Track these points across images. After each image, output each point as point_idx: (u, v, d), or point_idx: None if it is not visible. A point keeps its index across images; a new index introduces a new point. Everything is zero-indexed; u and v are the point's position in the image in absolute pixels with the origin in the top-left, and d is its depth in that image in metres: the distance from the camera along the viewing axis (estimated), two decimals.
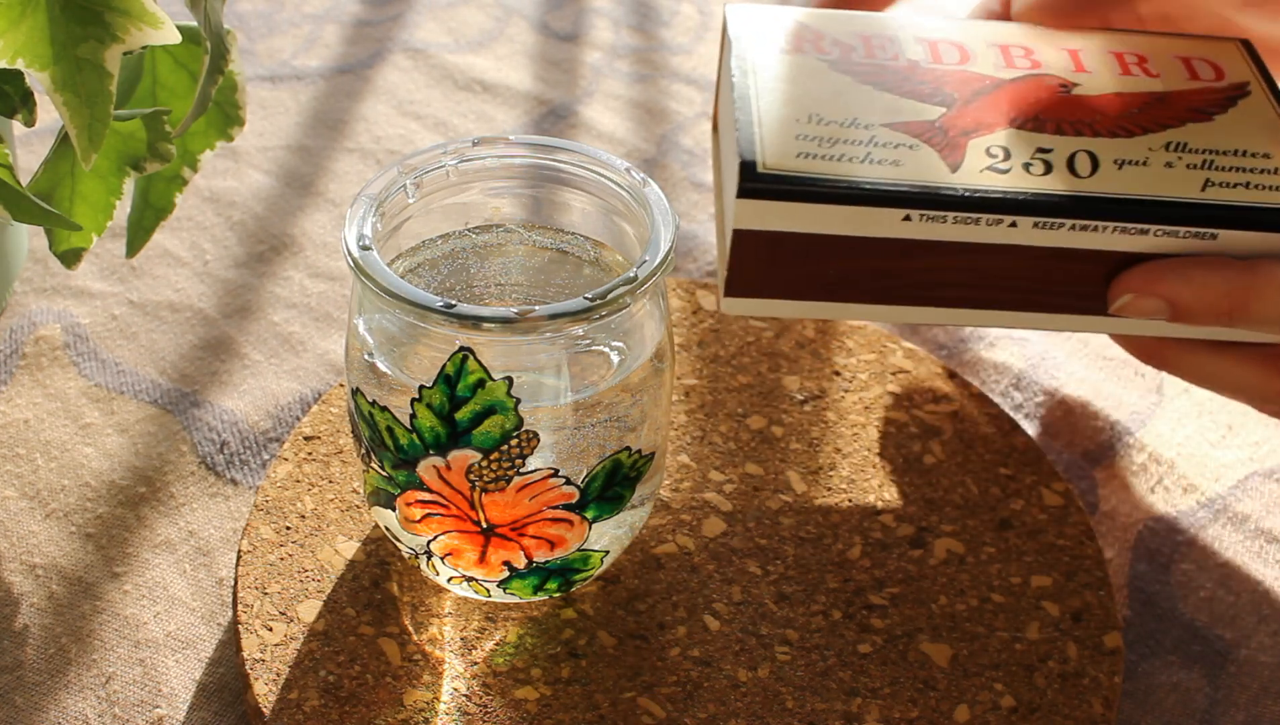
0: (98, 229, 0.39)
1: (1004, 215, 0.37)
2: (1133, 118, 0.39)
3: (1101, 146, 0.38)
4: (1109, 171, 0.37)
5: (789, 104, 0.38)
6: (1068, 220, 0.37)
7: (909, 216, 0.37)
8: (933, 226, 0.37)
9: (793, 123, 0.38)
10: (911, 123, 0.38)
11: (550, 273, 0.39)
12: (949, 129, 0.38)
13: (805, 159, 0.37)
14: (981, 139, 0.38)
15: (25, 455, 0.45)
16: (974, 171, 0.37)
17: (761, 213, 0.37)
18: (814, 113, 0.38)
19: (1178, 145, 0.38)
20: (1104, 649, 0.39)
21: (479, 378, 0.33)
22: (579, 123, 0.61)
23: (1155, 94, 0.40)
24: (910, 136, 0.38)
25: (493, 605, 0.39)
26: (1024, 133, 0.38)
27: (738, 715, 0.37)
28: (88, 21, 0.34)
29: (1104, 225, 0.37)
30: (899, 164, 0.37)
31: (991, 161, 0.37)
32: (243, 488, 0.44)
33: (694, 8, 0.69)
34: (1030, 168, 0.37)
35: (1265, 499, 0.45)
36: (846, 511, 0.42)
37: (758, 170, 0.36)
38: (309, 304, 0.51)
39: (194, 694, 0.38)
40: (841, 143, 0.37)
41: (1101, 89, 0.40)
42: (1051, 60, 0.41)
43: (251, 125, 0.59)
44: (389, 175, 0.36)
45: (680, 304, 0.49)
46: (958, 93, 0.39)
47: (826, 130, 0.38)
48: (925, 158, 0.37)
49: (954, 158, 0.37)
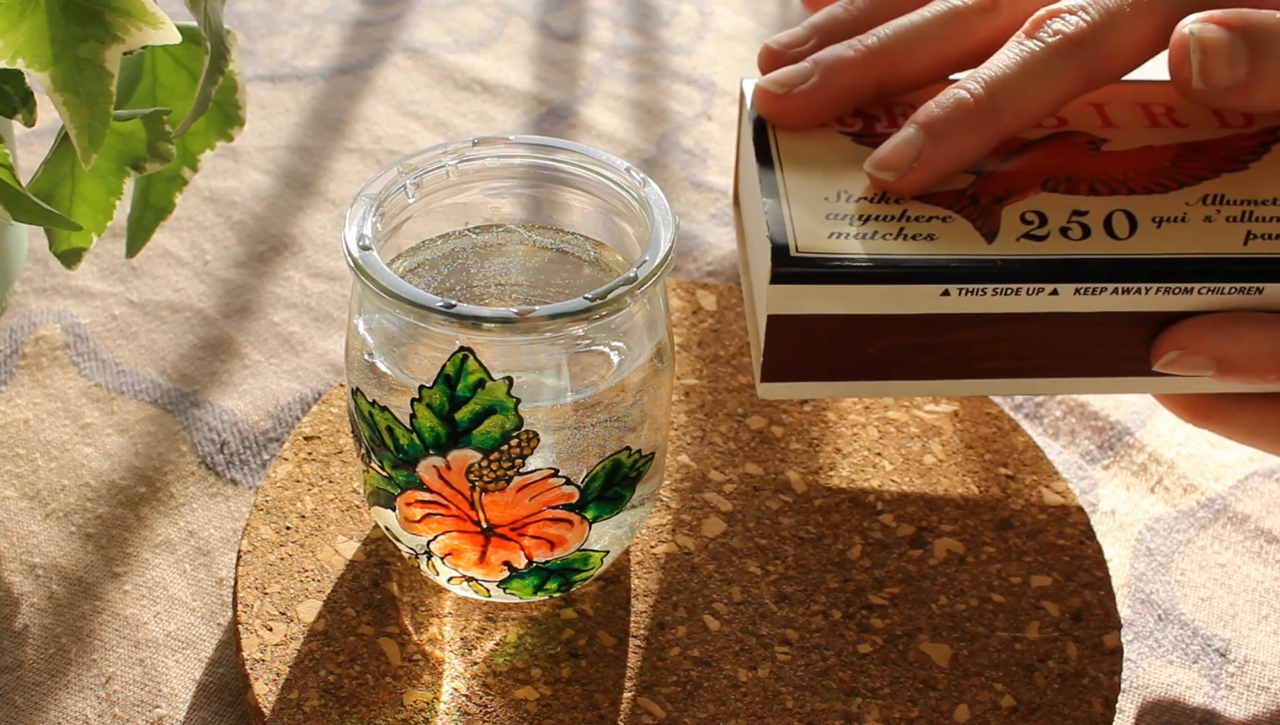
0: (98, 229, 0.39)
1: (1045, 284, 0.36)
2: (1166, 172, 0.38)
3: (1138, 204, 0.37)
4: (1148, 231, 0.36)
5: (816, 182, 0.37)
6: (1110, 285, 0.36)
7: (947, 291, 0.36)
8: (972, 300, 0.36)
9: (821, 202, 0.37)
10: (942, 193, 0.37)
11: (550, 273, 0.39)
12: (981, 196, 0.37)
13: (838, 239, 0.36)
14: (1015, 205, 0.37)
15: (25, 455, 0.45)
16: (1011, 240, 0.36)
17: (796, 297, 0.36)
18: (842, 190, 0.37)
19: (1215, 198, 0.37)
20: (1104, 649, 0.39)
21: (479, 378, 0.33)
22: (579, 123, 0.61)
23: (1187, 145, 0.39)
24: (943, 208, 0.37)
25: (493, 605, 0.39)
26: (1057, 196, 0.37)
27: (738, 715, 0.37)
28: (88, 21, 0.34)
29: (1147, 287, 0.36)
30: (934, 238, 0.36)
31: (1028, 228, 0.36)
32: (243, 488, 0.44)
33: (694, 8, 0.69)
34: (1068, 232, 0.36)
35: (1265, 499, 0.45)
36: (846, 511, 0.42)
37: (790, 254, 0.35)
38: (309, 304, 0.51)
39: (194, 694, 0.38)
40: (873, 220, 0.36)
41: (1131, 143, 0.39)
42: (1078, 116, 0.39)
43: (251, 125, 0.59)
44: (389, 175, 0.36)
45: (680, 304, 0.49)
46: (986, 159, 0.38)
47: (857, 207, 0.36)
48: (960, 229, 0.36)
49: (989, 227, 0.36)
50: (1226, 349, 0.36)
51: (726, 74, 0.65)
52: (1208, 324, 0.37)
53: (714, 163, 0.59)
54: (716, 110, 0.62)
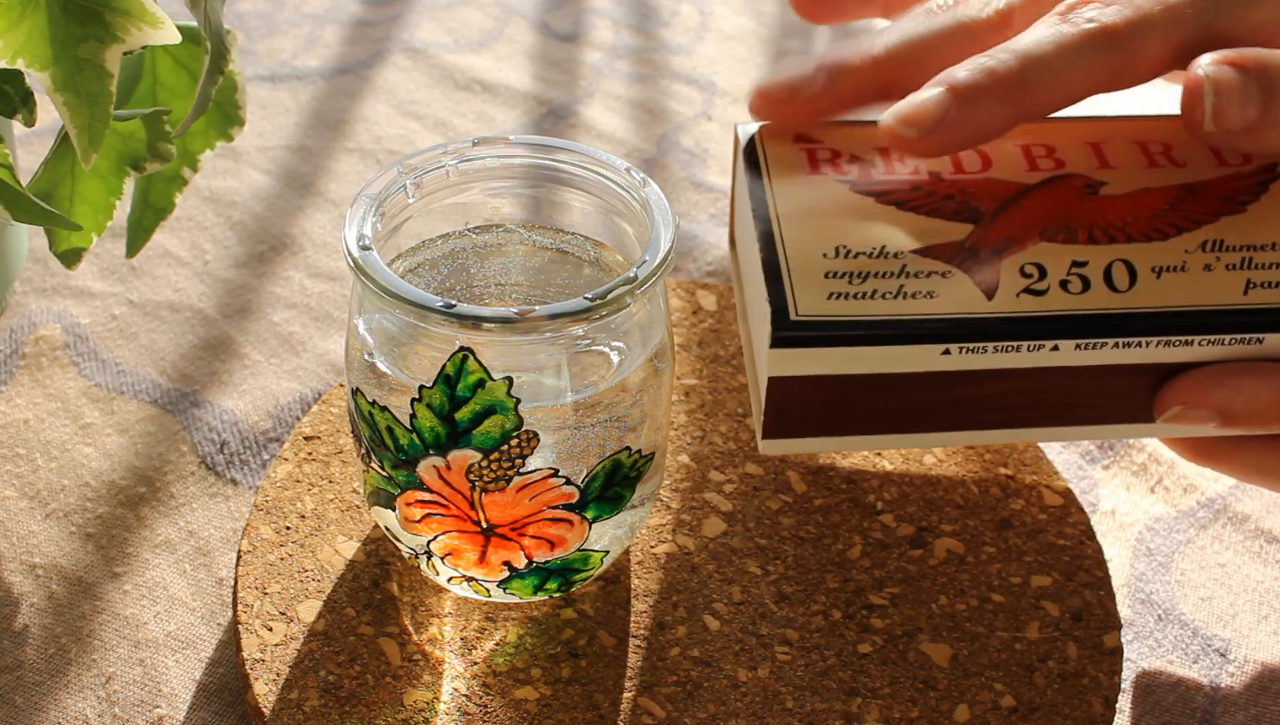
0: (98, 229, 0.39)
1: (1045, 340, 0.36)
2: (1165, 216, 0.38)
3: (1137, 253, 0.37)
4: (1148, 282, 0.36)
5: (814, 238, 0.37)
6: (1110, 339, 0.36)
7: (948, 351, 0.36)
8: (973, 357, 0.36)
9: (820, 260, 0.36)
10: (940, 246, 0.37)
11: (550, 273, 0.39)
12: (979, 249, 0.37)
13: (837, 300, 0.35)
14: (1015, 257, 0.36)
15: (25, 455, 0.45)
16: (1010, 296, 0.36)
17: (797, 360, 0.35)
18: (840, 245, 0.37)
19: (1214, 244, 0.37)
20: (1104, 649, 0.39)
21: (479, 378, 0.33)
22: (579, 123, 0.61)
23: (1185, 186, 0.38)
24: (942, 263, 0.36)
25: (493, 605, 0.39)
26: (1056, 246, 0.37)
27: (738, 715, 0.37)
28: (88, 21, 0.34)
29: (1148, 341, 0.36)
30: (933, 295, 0.36)
31: (1028, 282, 0.36)
32: (243, 488, 0.44)
33: (694, 8, 0.69)
34: (1068, 286, 0.36)
35: (1265, 499, 0.45)
36: (846, 511, 0.42)
37: (791, 318, 0.35)
38: (309, 304, 0.51)
39: (194, 694, 0.38)
40: (872, 277, 0.36)
41: (1129, 186, 0.38)
42: (1075, 158, 0.39)
43: (251, 125, 0.59)
44: (389, 175, 0.36)
45: (680, 304, 0.49)
46: (984, 206, 0.38)
47: (855, 264, 0.36)
48: (959, 286, 0.36)
49: (989, 282, 0.36)
50: (1229, 402, 0.36)
51: (726, 74, 0.65)
52: (1209, 377, 0.36)
53: (714, 163, 0.59)
54: (716, 110, 0.62)
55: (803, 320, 0.35)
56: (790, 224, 0.37)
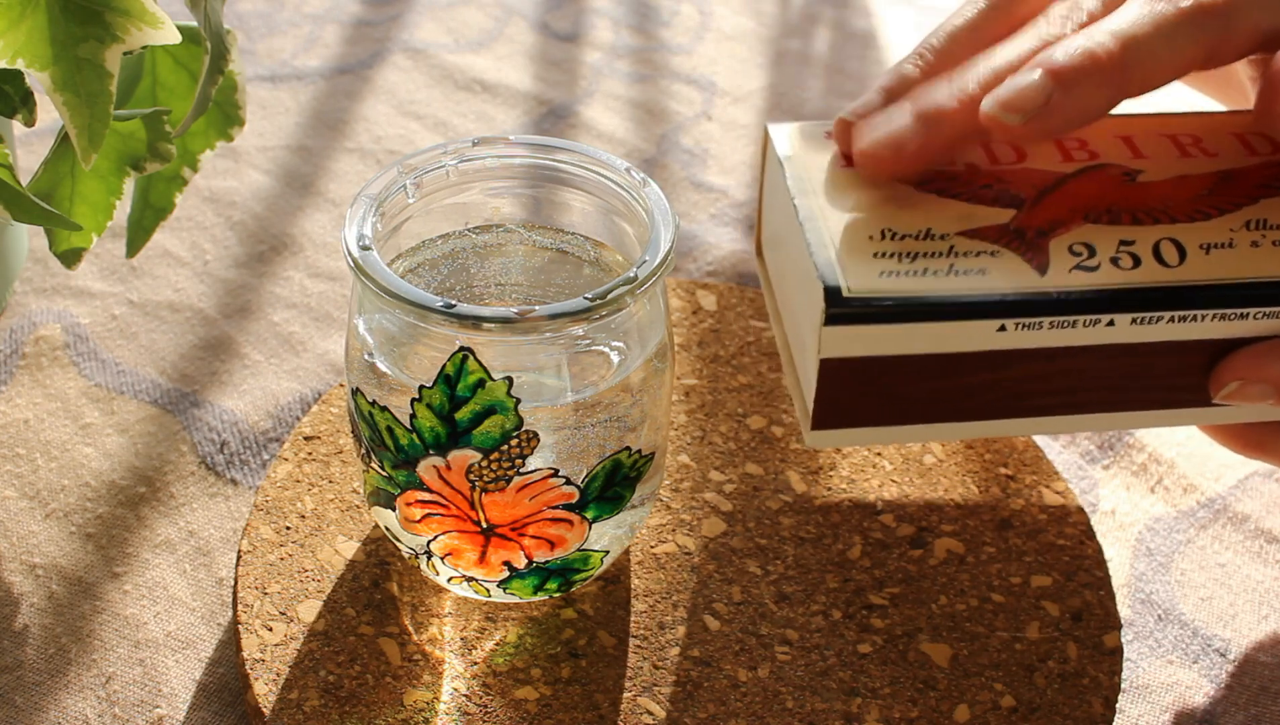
0: (98, 229, 0.39)
1: (1101, 315, 0.35)
2: (1205, 200, 0.37)
3: (1183, 232, 0.36)
4: (1197, 258, 0.36)
5: (858, 222, 0.37)
6: (1166, 312, 0.35)
7: (1004, 327, 0.35)
8: (1028, 335, 0.35)
9: (866, 242, 0.36)
10: (986, 228, 0.36)
11: (550, 273, 0.39)
12: (1025, 230, 0.36)
13: (889, 277, 0.35)
14: (1061, 238, 0.36)
15: (25, 455, 0.45)
16: (1063, 272, 0.35)
17: (850, 339, 0.35)
18: (885, 227, 0.36)
19: (1259, 222, 0.37)
20: (1104, 649, 0.39)
21: (479, 378, 0.33)
22: (579, 123, 0.61)
23: (1220, 173, 0.38)
24: (989, 243, 0.36)
25: (493, 605, 0.39)
26: (1101, 226, 0.36)
27: (738, 715, 0.37)
28: (88, 21, 0.34)
29: (1203, 314, 0.36)
30: (985, 273, 0.35)
31: (1078, 260, 0.36)
32: (243, 488, 0.44)
33: (694, 8, 0.69)
34: (1118, 262, 0.36)
35: (1265, 499, 0.45)
36: (846, 511, 0.42)
37: (843, 295, 0.34)
38: (309, 304, 0.51)
39: (194, 694, 0.38)
40: (921, 257, 0.36)
41: (1166, 174, 0.38)
42: (1108, 150, 0.39)
43: (251, 125, 0.59)
44: (389, 175, 0.36)
45: (680, 304, 0.49)
46: (1023, 193, 0.37)
47: (903, 245, 0.36)
48: (1010, 263, 0.35)
49: (1039, 260, 0.36)
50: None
51: (726, 74, 0.65)
52: (1266, 351, 0.36)
53: (714, 163, 0.59)
54: (716, 110, 0.62)
55: (856, 296, 0.35)
56: (833, 211, 0.37)
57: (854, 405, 0.36)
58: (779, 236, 0.40)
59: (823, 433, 0.37)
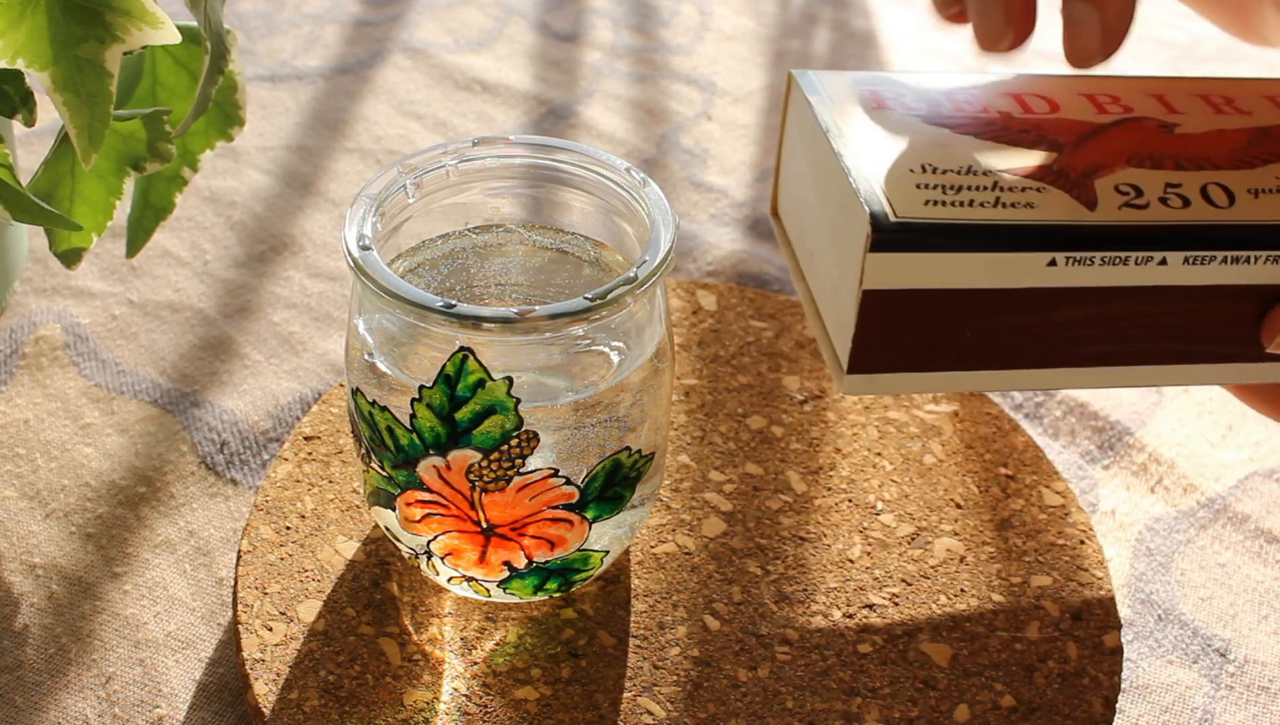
0: (98, 229, 0.39)
1: (1154, 251, 0.34)
2: (1246, 151, 0.37)
3: (1229, 178, 0.36)
4: (1246, 201, 0.35)
5: (896, 156, 0.35)
6: (1220, 252, 0.34)
7: (1054, 261, 0.34)
8: (1078, 271, 0.34)
9: (907, 173, 0.35)
10: (1030, 168, 0.35)
11: (550, 273, 0.39)
12: (1069, 170, 0.35)
13: (935, 206, 0.34)
14: (1106, 179, 0.35)
15: (25, 455, 0.45)
16: (1113, 209, 0.34)
17: (896, 268, 0.33)
18: (925, 162, 0.35)
19: None
20: (1104, 649, 0.39)
21: (479, 378, 0.33)
22: (579, 123, 0.61)
23: (1258, 128, 0.38)
24: (1035, 181, 0.35)
25: (493, 605, 0.39)
26: (1146, 171, 0.36)
27: (738, 715, 0.37)
28: (88, 21, 0.34)
29: (1257, 255, 0.35)
30: (1033, 206, 0.34)
31: (1126, 198, 0.35)
32: (243, 488, 0.44)
33: (694, 8, 0.69)
34: (1168, 202, 0.35)
35: (1265, 499, 0.45)
36: (846, 511, 0.42)
37: (889, 220, 0.33)
38: (309, 304, 0.51)
39: (194, 694, 0.38)
40: (966, 190, 0.34)
41: (1203, 127, 0.38)
42: (1142, 105, 0.38)
43: (251, 125, 0.59)
44: (389, 175, 0.36)
45: (680, 304, 0.49)
46: (1063, 139, 0.37)
47: (945, 178, 0.35)
48: (1058, 199, 0.34)
49: (1087, 197, 0.35)
50: None
51: (726, 74, 0.65)
52: None
53: (714, 163, 0.59)
54: (716, 110, 0.62)
55: (903, 222, 0.33)
56: (870, 146, 0.36)
57: (893, 346, 0.35)
58: (807, 182, 0.38)
59: (859, 377, 0.35)
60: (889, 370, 0.35)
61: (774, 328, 0.48)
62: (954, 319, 0.35)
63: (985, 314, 0.35)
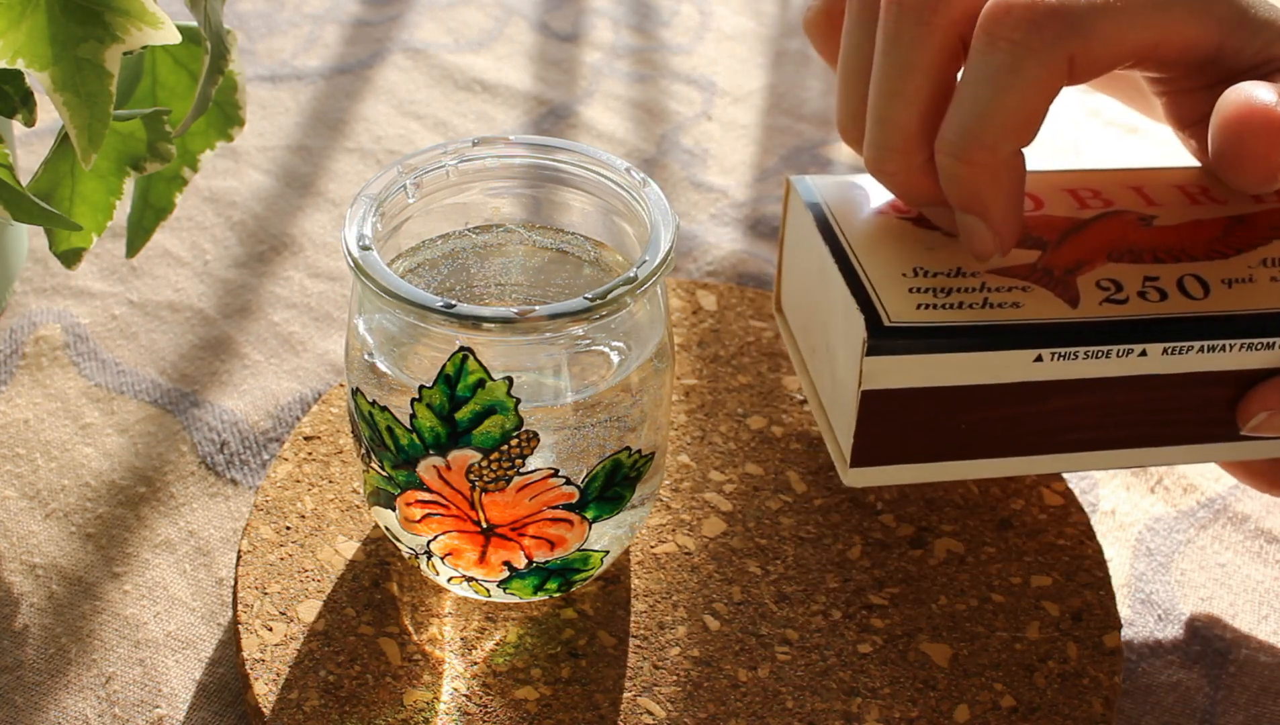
0: (98, 229, 0.39)
1: (1134, 344, 0.36)
2: (1221, 241, 0.39)
3: (1204, 269, 0.38)
4: (1221, 292, 0.37)
5: (889, 261, 0.38)
6: (1196, 342, 0.36)
7: (1040, 357, 0.36)
8: (1063, 365, 0.36)
9: (900, 277, 0.37)
10: (1015, 267, 0.37)
11: (550, 273, 0.39)
12: (1053, 269, 0.37)
13: (926, 310, 0.36)
14: (1088, 275, 0.37)
15: (25, 455, 0.45)
16: (1094, 305, 0.37)
17: (892, 369, 0.36)
18: (917, 265, 0.37)
19: (1276, 260, 0.38)
20: (1104, 649, 0.39)
21: (479, 378, 0.33)
22: (579, 123, 0.61)
23: (1232, 217, 0.40)
24: (1019, 280, 0.37)
25: (493, 605, 0.39)
26: (1125, 265, 0.38)
27: (738, 715, 0.37)
28: (88, 21, 0.34)
29: (1232, 344, 0.37)
30: (1019, 306, 0.36)
31: (1106, 294, 0.37)
32: (243, 488, 0.44)
33: (694, 8, 0.69)
34: (1145, 296, 0.37)
35: (1265, 499, 0.45)
36: (846, 511, 0.42)
37: (885, 325, 0.35)
38: (309, 304, 0.51)
39: (194, 694, 0.38)
40: (955, 292, 0.37)
41: (1179, 219, 0.40)
42: (1121, 198, 0.40)
43: (251, 125, 0.59)
44: (389, 175, 0.36)
45: (680, 304, 0.49)
46: (1046, 236, 0.39)
47: (936, 281, 0.37)
48: (1042, 297, 0.37)
49: (1069, 295, 0.37)
50: None
51: (726, 74, 0.65)
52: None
53: (714, 163, 0.59)
54: (716, 110, 0.62)
55: (897, 326, 0.35)
56: (865, 251, 0.38)
57: (892, 440, 0.37)
58: (806, 285, 0.40)
59: (861, 470, 0.37)
60: (890, 462, 0.38)
61: (774, 328, 0.48)
62: (949, 413, 0.37)
63: (978, 407, 0.37)
